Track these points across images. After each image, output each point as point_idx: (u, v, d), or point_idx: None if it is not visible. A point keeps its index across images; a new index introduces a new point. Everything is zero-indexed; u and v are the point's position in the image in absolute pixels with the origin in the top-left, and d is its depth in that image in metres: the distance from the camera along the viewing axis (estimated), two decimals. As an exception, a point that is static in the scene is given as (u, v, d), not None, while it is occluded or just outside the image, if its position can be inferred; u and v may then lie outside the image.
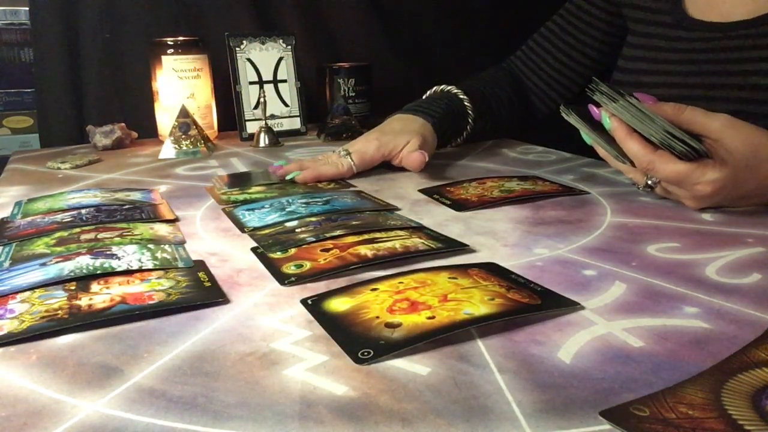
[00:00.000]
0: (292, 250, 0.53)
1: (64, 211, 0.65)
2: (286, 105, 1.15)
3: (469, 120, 0.94)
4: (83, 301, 0.43)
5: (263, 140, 1.05)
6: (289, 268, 0.50)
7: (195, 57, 1.07)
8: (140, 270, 0.49)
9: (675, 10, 0.81)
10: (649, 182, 0.64)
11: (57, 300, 0.44)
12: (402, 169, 0.84)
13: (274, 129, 1.07)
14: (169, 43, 1.06)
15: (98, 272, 0.48)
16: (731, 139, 0.58)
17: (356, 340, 0.38)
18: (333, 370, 0.35)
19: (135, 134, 1.09)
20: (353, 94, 1.18)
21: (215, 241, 0.58)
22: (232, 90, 1.11)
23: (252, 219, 0.63)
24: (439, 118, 0.89)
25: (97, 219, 0.62)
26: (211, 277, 0.48)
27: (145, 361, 0.37)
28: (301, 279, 0.48)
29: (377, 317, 0.40)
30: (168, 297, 0.44)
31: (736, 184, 0.59)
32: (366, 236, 0.55)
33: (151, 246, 0.54)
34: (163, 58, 1.05)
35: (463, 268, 0.48)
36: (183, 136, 0.98)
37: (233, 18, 1.23)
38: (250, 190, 0.74)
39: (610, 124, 0.60)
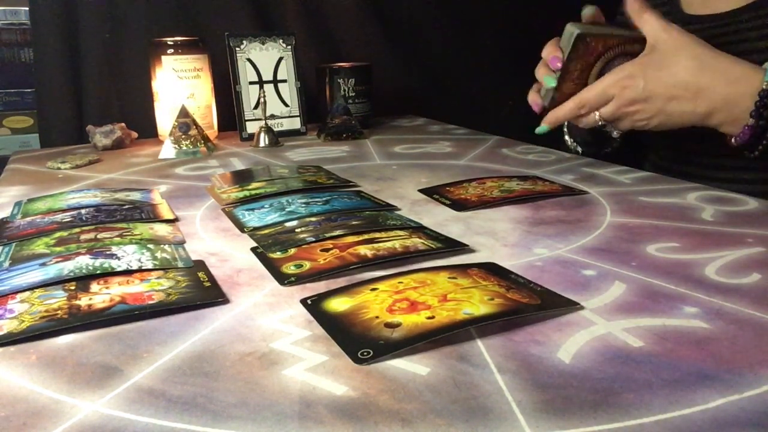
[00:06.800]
0: (292, 250, 0.53)
1: (63, 211, 0.65)
2: (286, 105, 1.15)
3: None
4: (83, 301, 0.43)
5: (263, 140, 1.05)
6: (289, 268, 0.50)
7: (195, 57, 1.07)
8: (140, 270, 0.49)
9: (673, 9, 0.88)
10: (599, 123, 0.72)
11: (57, 300, 0.43)
12: (402, 169, 0.84)
13: (274, 129, 1.07)
14: (169, 43, 1.06)
15: (98, 272, 0.48)
16: (656, 41, 0.68)
17: (356, 340, 0.38)
18: (333, 370, 0.35)
19: (135, 134, 1.09)
20: (353, 94, 1.18)
21: (215, 241, 0.58)
22: (232, 90, 1.11)
23: (252, 219, 0.63)
24: None
25: (97, 219, 0.62)
26: (210, 277, 0.48)
27: (145, 361, 0.37)
28: (300, 279, 0.48)
29: (377, 317, 0.40)
30: (168, 297, 0.44)
31: (647, 79, 0.67)
32: (366, 236, 0.55)
33: (150, 246, 0.54)
34: (163, 58, 1.05)
35: (463, 268, 0.48)
36: (183, 136, 0.98)
37: (233, 18, 1.23)
38: (249, 186, 0.74)
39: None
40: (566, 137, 0.82)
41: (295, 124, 1.15)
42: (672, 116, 0.69)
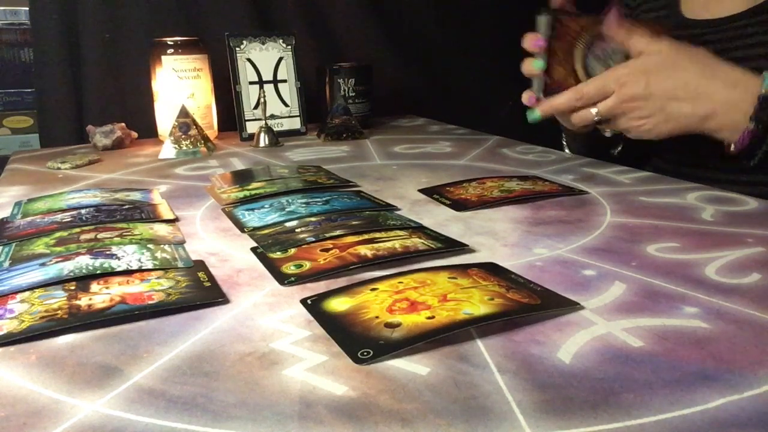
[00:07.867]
0: (292, 250, 0.53)
1: (63, 211, 0.65)
2: (286, 105, 1.15)
3: None
4: (83, 301, 0.43)
5: (263, 140, 1.05)
6: (289, 268, 0.50)
7: (195, 57, 1.07)
8: (140, 270, 0.49)
9: (673, 13, 0.88)
10: (596, 118, 0.71)
11: (57, 300, 0.43)
12: (402, 169, 0.84)
13: (274, 129, 1.07)
14: (169, 43, 1.06)
15: (98, 272, 0.48)
16: (650, 48, 0.68)
17: (356, 340, 0.38)
18: (332, 370, 0.35)
19: (135, 134, 1.09)
20: (353, 94, 1.18)
21: (215, 241, 0.58)
22: (232, 90, 1.11)
23: (252, 219, 0.63)
24: None
25: (97, 219, 0.62)
26: (210, 277, 0.48)
27: (145, 361, 0.37)
28: (300, 279, 0.48)
29: (377, 317, 0.40)
30: (168, 297, 0.44)
31: (649, 76, 0.67)
32: (366, 236, 0.55)
33: (150, 246, 0.54)
34: (163, 58, 1.05)
35: (463, 268, 0.48)
36: (183, 136, 0.98)
37: (233, 18, 1.23)
38: (249, 186, 0.74)
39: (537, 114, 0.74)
40: (566, 150, 0.82)
41: (295, 124, 1.15)
42: (670, 117, 0.68)
